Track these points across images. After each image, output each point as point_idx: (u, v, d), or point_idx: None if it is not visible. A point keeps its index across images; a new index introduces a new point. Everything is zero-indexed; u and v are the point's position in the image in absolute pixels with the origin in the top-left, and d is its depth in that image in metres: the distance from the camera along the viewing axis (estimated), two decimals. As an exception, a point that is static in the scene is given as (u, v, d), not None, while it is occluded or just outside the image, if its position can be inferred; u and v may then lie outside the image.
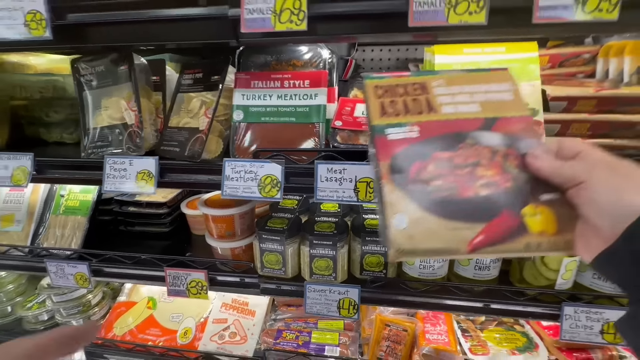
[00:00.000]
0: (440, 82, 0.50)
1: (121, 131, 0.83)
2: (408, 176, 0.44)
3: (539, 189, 0.42)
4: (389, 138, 0.47)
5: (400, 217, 0.41)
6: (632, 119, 0.72)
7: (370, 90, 0.51)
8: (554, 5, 0.54)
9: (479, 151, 0.45)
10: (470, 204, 0.42)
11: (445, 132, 0.46)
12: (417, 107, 0.49)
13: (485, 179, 0.43)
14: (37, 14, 0.68)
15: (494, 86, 0.49)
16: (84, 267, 0.97)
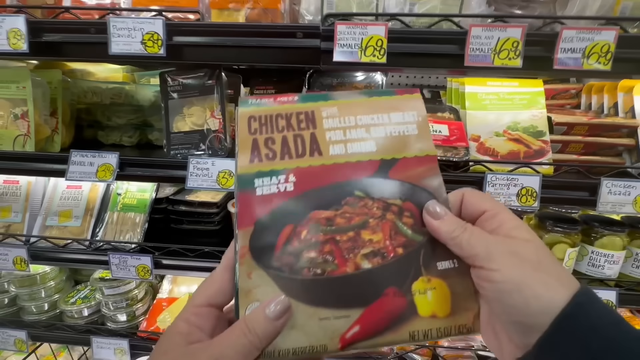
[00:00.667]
0: (333, 112, 0.40)
1: (203, 136, 0.95)
2: (273, 248, 0.35)
3: (436, 254, 0.35)
4: (257, 193, 0.36)
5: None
6: (613, 142, 0.95)
7: (243, 122, 0.39)
8: (567, 57, 0.76)
9: (368, 207, 0.37)
10: (346, 283, 0.34)
11: (330, 181, 0.37)
12: (298, 147, 0.38)
13: (371, 247, 0.35)
14: (155, 34, 0.80)
15: (397, 116, 0.40)
16: (147, 259, 1.04)
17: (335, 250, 0.35)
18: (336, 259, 0.35)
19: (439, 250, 0.35)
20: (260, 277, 0.34)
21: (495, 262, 0.30)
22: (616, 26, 0.72)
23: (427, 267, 0.35)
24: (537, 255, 0.30)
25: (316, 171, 0.38)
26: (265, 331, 0.31)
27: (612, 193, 0.84)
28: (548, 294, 0.28)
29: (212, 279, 0.35)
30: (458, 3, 0.79)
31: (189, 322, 0.33)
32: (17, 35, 0.82)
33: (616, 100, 1.03)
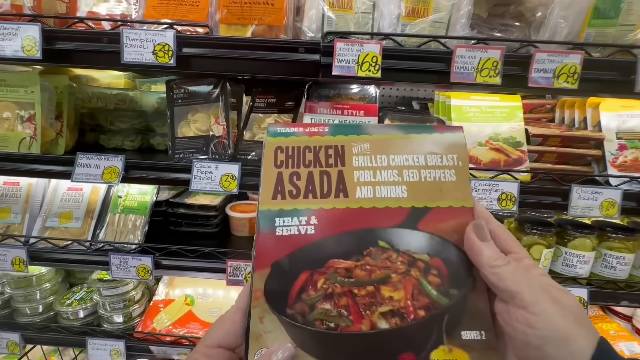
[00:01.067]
0: (364, 149, 0.37)
1: (207, 141, 1.00)
2: (287, 295, 0.33)
3: (463, 322, 0.32)
4: (277, 233, 0.35)
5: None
6: (583, 152, 1.05)
7: (270, 153, 0.37)
8: (540, 77, 0.85)
9: (391, 260, 0.34)
10: (359, 342, 0.32)
11: (353, 228, 0.35)
12: (324, 186, 0.36)
13: (390, 305, 0.33)
14: (166, 45, 0.86)
15: (434, 158, 0.37)
16: (148, 259, 1.07)
17: (352, 305, 0.33)
18: (352, 314, 0.32)
19: (467, 318, 0.32)
20: (272, 323, 0.32)
21: (540, 306, 0.29)
22: (581, 50, 0.82)
23: (449, 335, 0.32)
24: (577, 307, 0.30)
25: (340, 215, 0.35)
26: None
27: (582, 198, 0.94)
28: (589, 348, 0.28)
29: (223, 320, 0.34)
30: (445, 26, 0.88)
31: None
32: (32, 42, 0.86)
33: (585, 115, 1.14)
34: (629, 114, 1.07)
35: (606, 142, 1.05)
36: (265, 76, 0.92)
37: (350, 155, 0.37)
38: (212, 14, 0.90)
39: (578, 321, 0.29)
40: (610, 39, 0.85)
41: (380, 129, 0.39)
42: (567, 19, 0.84)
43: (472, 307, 0.33)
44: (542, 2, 0.91)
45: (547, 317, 0.28)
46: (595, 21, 0.83)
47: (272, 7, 0.87)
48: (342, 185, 0.36)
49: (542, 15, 0.90)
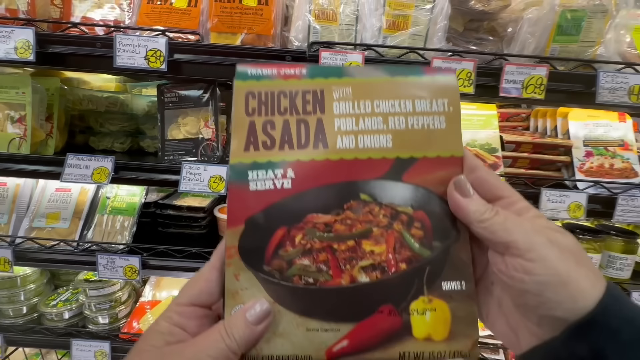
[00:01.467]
0: (346, 93, 0.34)
1: (196, 143, 1.03)
2: (264, 251, 0.32)
3: (444, 273, 0.32)
4: (250, 188, 0.33)
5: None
6: (553, 158, 1.12)
7: (240, 99, 0.34)
8: (510, 87, 0.92)
9: (373, 214, 0.33)
10: (339, 296, 0.32)
11: (333, 181, 0.33)
12: (301, 136, 0.34)
13: (371, 259, 0.32)
14: (158, 51, 0.89)
15: (423, 104, 0.34)
16: (135, 259, 1.09)
17: (331, 260, 0.32)
18: (331, 269, 0.32)
19: (448, 269, 0.32)
20: (249, 280, 0.32)
21: (537, 252, 0.27)
22: (547, 64, 0.89)
23: (430, 286, 0.32)
24: (577, 247, 0.28)
25: (319, 167, 0.33)
26: (244, 336, 0.29)
27: (551, 201, 1.00)
28: (593, 289, 0.27)
29: (197, 278, 0.33)
30: (423, 38, 0.94)
31: (171, 320, 0.31)
32: (25, 45, 0.88)
33: (556, 123, 1.21)
34: (595, 123, 1.15)
35: (574, 149, 1.12)
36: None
37: (330, 101, 0.34)
38: (203, 22, 0.94)
39: (578, 262, 0.28)
40: (573, 53, 0.92)
41: (364, 71, 0.36)
42: (534, 35, 0.91)
43: (454, 258, 0.32)
44: (512, 18, 0.98)
45: (545, 261, 0.27)
46: (559, 37, 0.90)
47: (261, 17, 0.92)
48: (321, 135, 0.34)
49: (513, 31, 0.97)
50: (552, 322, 0.27)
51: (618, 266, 1.12)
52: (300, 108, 0.34)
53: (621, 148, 1.12)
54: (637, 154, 1.11)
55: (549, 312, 0.27)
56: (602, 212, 1.02)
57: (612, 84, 0.89)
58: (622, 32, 0.93)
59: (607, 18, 0.88)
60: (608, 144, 1.13)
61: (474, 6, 0.93)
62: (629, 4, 0.87)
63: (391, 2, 0.92)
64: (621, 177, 1.08)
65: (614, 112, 1.16)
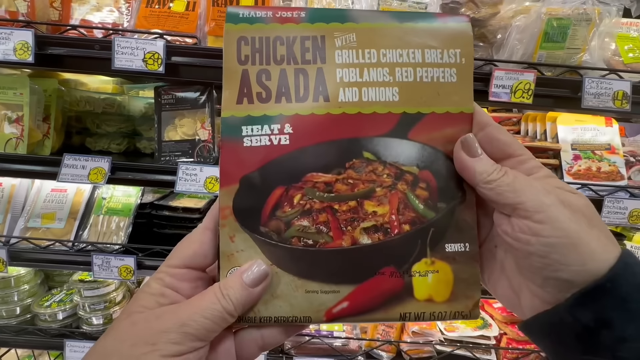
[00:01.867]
0: (350, 41, 0.32)
1: (193, 145, 1.04)
2: (260, 212, 0.31)
3: (447, 235, 0.31)
4: (245, 144, 0.31)
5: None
6: (542, 161, 1.15)
7: (231, 45, 0.31)
8: (500, 91, 0.94)
9: (376, 173, 0.32)
10: (339, 258, 0.31)
11: (335, 137, 0.31)
12: (300, 88, 0.31)
13: (373, 220, 0.31)
14: (156, 54, 0.91)
15: (434, 54, 0.32)
16: (131, 260, 1.09)
17: (332, 221, 0.31)
18: (331, 230, 0.30)
19: (452, 231, 0.31)
20: (244, 242, 0.30)
21: (546, 213, 0.26)
22: (534, 69, 0.92)
23: (433, 248, 0.31)
24: (589, 208, 0.27)
25: (319, 122, 0.31)
26: (240, 298, 0.28)
27: (539, 203, 1.02)
28: (604, 252, 0.25)
29: (190, 240, 0.31)
30: (415, 44, 0.96)
31: (162, 282, 0.29)
32: (24, 47, 0.89)
33: (545, 128, 1.24)
34: (583, 127, 1.18)
35: (563, 153, 1.15)
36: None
37: (332, 48, 0.31)
38: (200, 26, 0.96)
39: (591, 224, 0.26)
40: (559, 60, 0.95)
41: (371, 14, 0.33)
42: (522, 42, 0.94)
43: (458, 219, 0.31)
44: (501, 25, 1.01)
45: (554, 222, 0.26)
46: (546, 44, 0.93)
47: (257, 22, 0.94)
48: (321, 87, 0.31)
49: (502, 38, 1.00)
50: (557, 284, 0.26)
51: (606, 267, 1.14)
52: (298, 56, 0.31)
53: (608, 152, 1.15)
54: (623, 158, 1.14)
55: (555, 274, 0.26)
56: (590, 213, 1.05)
57: (597, 89, 0.92)
58: (607, 40, 0.97)
59: (592, 26, 0.92)
60: (595, 147, 1.16)
61: (464, 13, 0.96)
62: (612, 13, 0.91)
63: (384, 8, 0.95)
64: (608, 179, 1.11)
65: (601, 117, 1.19)
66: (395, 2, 0.95)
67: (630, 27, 1.03)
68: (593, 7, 0.89)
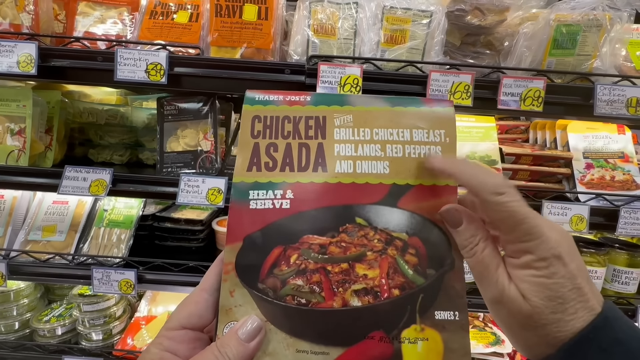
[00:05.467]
0: (347, 121, 0.36)
1: (195, 156, 1.03)
2: (259, 269, 0.33)
3: (437, 302, 0.32)
4: (251, 206, 0.34)
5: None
6: (553, 170, 1.12)
7: (247, 122, 0.36)
8: (509, 99, 0.92)
9: (368, 238, 0.34)
10: (330, 319, 0.31)
11: (330, 203, 0.34)
12: (302, 159, 0.35)
13: (364, 283, 0.32)
14: (158, 65, 0.90)
15: (421, 134, 0.35)
16: (131, 273, 1.07)
17: (324, 282, 0.32)
18: (324, 291, 0.32)
19: (441, 299, 0.32)
20: (243, 297, 0.32)
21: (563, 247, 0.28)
22: (544, 77, 0.90)
23: (423, 315, 0.31)
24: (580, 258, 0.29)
25: (317, 189, 0.34)
26: (237, 354, 0.29)
27: (552, 214, 0.99)
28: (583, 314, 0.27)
29: (187, 301, 0.33)
30: (421, 52, 0.95)
31: (161, 346, 0.30)
32: (28, 59, 0.89)
33: (555, 136, 1.21)
34: (594, 135, 1.15)
35: (574, 161, 1.12)
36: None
37: (331, 127, 0.36)
38: (203, 37, 0.95)
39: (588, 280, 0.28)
40: (569, 67, 0.93)
41: (366, 99, 0.37)
42: (530, 49, 0.92)
43: (448, 287, 0.32)
44: (508, 32, 0.99)
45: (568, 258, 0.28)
46: (555, 51, 0.91)
47: (261, 32, 0.93)
48: (321, 159, 0.35)
49: (509, 45, 0.98)
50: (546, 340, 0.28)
51: (623, 280, 1.09)
52: (302, 132, 0.36)
53: (621, 160, 1.12)
54: (637, 166, 1.10)
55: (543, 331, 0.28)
56: (605, 224, 1.01)
57: (610, 96, 0.89)
58: (617, 46, 0.94)
59: (602, 32, 0.90)
60: (608, 156, 1.12)
61: (471, 21, 0.94)
62: (622, 19, 0.89)
63: (389, 17, 0.93)
64: (622, 189, 1.07)
65: (612, 124, 1.16)
66: (399, 11, 0.94)
67: (641, 33, 1.00)
68: (603, 13, 0.86)
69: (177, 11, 0.97)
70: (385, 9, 0.93)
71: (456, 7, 0.94)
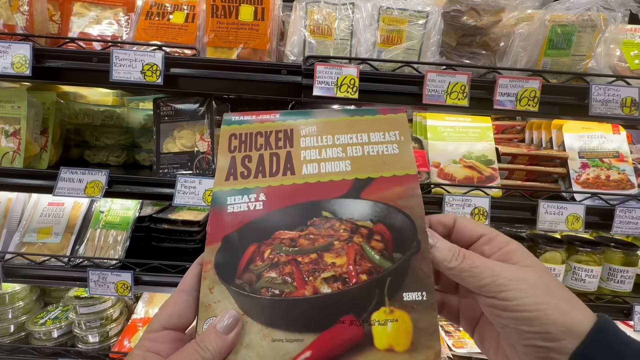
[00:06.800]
0: (312, 131, 0.40)
1: (192, 157, 1.02)
2: (236, 266, 0.35)
3: (405, 284, 0.33)
4: (228, 210, 0.37)
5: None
6: (549, 170, 1.12)
7: (224, 140, 0.40)
8: (505, 100, 0.92)
9: (334, 229, 0.36)
10: (302, 306, 0.33)
11: (298, 201, 0.37)
12: (273, 166, 0.39)
13: (332, 271, 0.34)
14: (154, 65, 0.90)
15: (377, 136, 0.39)
16: (127, 275, 1.06)
17: (296, 272, 0.34)
18: (295, 281, 0.33)
19: (409, 280, 0.33)
20: (221, 293, 0.33)
21: (507, 291, 0.30)
22: (539, 77, 0.90)
23: (391, 297, 0.32)
24: (544, 280, 0.31)
25: (287, 190, 0.37)
26: (216, 346, 0.31)
27: (549, 213, 0.99)
28: (564, 318, 0.29)
29: (167, 303, 0.34)
30: (417, 52, 0.95)
31: (143, 348, 0.32)
32: (22, 60, 0.88)
33: (551, 135, 1.22)
34: (590, 135, 1.16)
35: (570, 161, 1.12)
36: (250, 96, 0.96)
37: (298, 137, 0.40)
38: (199, 37, 0.95)
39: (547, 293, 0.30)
40: (564, 67, 0.93)
41: (328, 112, 0.42)
42: (526, 49, 0.93)
43: (415, 269, 0.33)
44: (504, 33, 1.00)
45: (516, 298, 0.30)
46: (551, 51, 0.91)
47: (257, 32, 0.93)
48: (289, 164, 0.39)
49: (505, 45, 0.99)
50: (540, 353, 0.29)
51: (619, 279, 1.10)
52: (273, 144, 0.40)
53: (616, 159, 1.12)
54: (632, 165, 1.11)
55: (531, 343, 0.30)
56: (601, 223, 1.02)
57: (605, 96, 0.90)
58: (612, 46, 0.95)
59: (597, 32, 0.90)
60: (603, 155, 1.13)
61: (467, 21, 0.95)
62: (617, 19, 0.89)
63: (385, 17, 0.94)
64: (618, 188, 1.08)
65: (607, 124, 1.17)
66: (395, 12, 0.94)
67: (635, 34, 1.01)
68: (598, 14, 0.87)
69: (173, 12, 0.97)
70: (382, 10, 0.93)
71: (452, 7, 0.94)
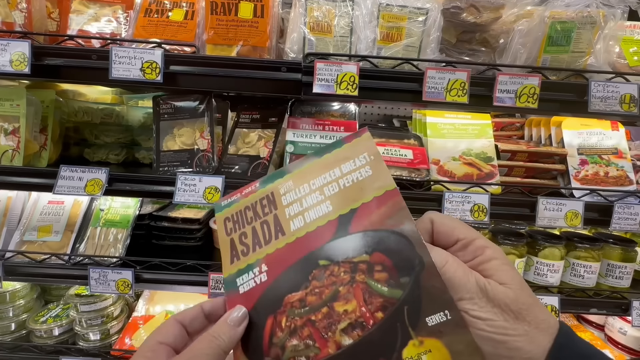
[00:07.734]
0: (289, 186, 0.41)
1: (192, 154, 1.02)
2: (262, 345, 0.34)
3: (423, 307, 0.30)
4: (240, 291, 0.37)
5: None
6: (548, 167, 1.13)
7: (221, 226, 0.42)
8: (504, 96, 0.92)
9: (334, 275, 0.34)
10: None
11: (295, 259, 0.36)
12: (266, 234, 0.39)
13: (347, 319, 0.32)
14: (154, 63, 0.90)
15: (348, 165, 0.39)
16: (128, 273, 1.06)
17: (314, 332, 0.33)
18: (316, 341, 0.32)
19: (426, 302, 0.30)
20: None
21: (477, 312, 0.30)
22: (539, 74, 0.90)
23: (415, 327, 0.30)
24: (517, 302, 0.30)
25: (282, 253, 0.37)
26: (229, 335, 0.35)
27: (547, 209, 1.00)
28: (529, 346, 0.29)
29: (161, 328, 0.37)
30: (417, 50, 0.95)
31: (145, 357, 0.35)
32: (21, 57, 0.88)
33: (550, 132, 1.22)
34: (589, 132, 1.16)
35: (569, 158, 1.13)
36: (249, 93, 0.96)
37: (279, 197, 0.41)
38: (199, 35, 0.95)
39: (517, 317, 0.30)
40: (564, 64, 0.93)
41: (299, 162, 0.42)
42: (525, 46, 0.93)
43: (427, 288, 0.31)
44: (504, 30, 1.00)
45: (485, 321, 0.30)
46: (550, 48, 0.91)
47: (257, 30, 0.93)
48: (278, 227, 0.39)
49: (504, 42, 0.99)
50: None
51: (617, 275, 1.11)
52: (260, 213, 0.41)
53: (615, 156, 1.13)
54: (630, 162, 1.12)
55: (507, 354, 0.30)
56: (599, 220, 1.02)
57: (604, 93, 0.90)
58: (611, 43, 0.95)
59: (596, 29, 0.90)
60: (602, 152, 1.13)
61: (466, 18, 0.95)
62: (616, 16, 0.89)
63: (385, 14, 0.93)
64: (616, 185, 1.08)
65: (606, 121, 1.17)
66: (395, 9, 0.94)
67: (634, 30, 1.01)
68: (597, 10, 0.87)
69: (172, 9, 0.96)
70: (381, 7, 0.93)
71: (452, 4, 0.94)
